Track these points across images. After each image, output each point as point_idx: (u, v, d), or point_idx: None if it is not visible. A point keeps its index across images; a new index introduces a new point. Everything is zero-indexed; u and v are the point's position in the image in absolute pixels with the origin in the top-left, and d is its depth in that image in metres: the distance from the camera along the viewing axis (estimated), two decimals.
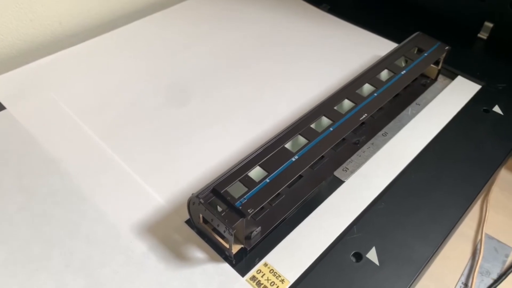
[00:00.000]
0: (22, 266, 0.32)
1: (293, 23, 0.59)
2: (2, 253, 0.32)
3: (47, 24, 0.54)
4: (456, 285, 0.40)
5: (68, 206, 0.35)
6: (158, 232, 0.34)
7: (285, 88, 0.48)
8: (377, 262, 0.32)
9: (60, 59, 0.50)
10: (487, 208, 0.46)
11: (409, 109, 0.46)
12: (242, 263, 0.32)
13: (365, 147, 0.41)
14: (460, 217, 0.36)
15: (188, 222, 0.34)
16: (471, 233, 0.44)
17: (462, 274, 0.40)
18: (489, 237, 0.43)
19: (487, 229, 0.44)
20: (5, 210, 0.35)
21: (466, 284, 0.40)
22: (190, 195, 0.32)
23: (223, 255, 0.32)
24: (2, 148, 0.40)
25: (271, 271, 0.31)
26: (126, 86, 0.47)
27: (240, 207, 0.30)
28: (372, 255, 0.33)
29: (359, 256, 0.33)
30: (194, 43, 0.54)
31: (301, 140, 0.36)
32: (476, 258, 0.41)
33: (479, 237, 0.43)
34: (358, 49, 0.54)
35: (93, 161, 0.39)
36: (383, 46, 0.54)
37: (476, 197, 0.38)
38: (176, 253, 0.32)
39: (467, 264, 0.41)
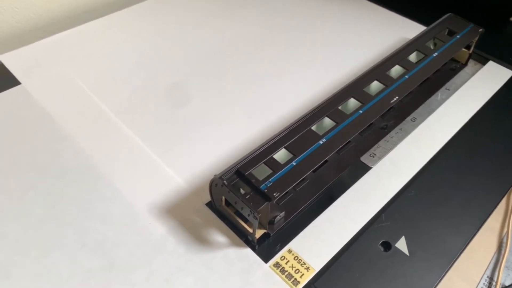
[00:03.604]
0: (36, 244, 0.31)
1: (318, 3, 0.56)
2: (15, 231, 0.31)
3: None
4: (481, 278, 0.38)
5: (83, 184, 0.34)
6: (178, 213, 0.33)
7: (310, 70, 0.46)
8: (406, 252, 0.31)
9: (76, 35, 0.49)
10: None
11: (439, 94, 0.44)
12: (265, 248, 0.31)
13: (393, 133, 0.39)
14: (494, 209, 0.35)
15: (208, 204, 0.33)
16: (497, 226, 0.42)
17: (487, 268, 0.39)
18: None
19: None
20: (18, 187, 0.34)
21: (491, 278, 0.38)
22: (213, 176, 0.31)
23: (245, 239, 0.31)
24: (16, 124, 0.39)
25: (296, 258, 0.30)
26: (142, 63, 0.46)
27: (266, 191, 0.29)
28: (401, 244, 0.31)
29: (387, 246, 0.31)
30: (213, 19, 0.52)
31: (328, 122, 0.35)
32: (502, 252, 0.39)
33: (505, 230, 0.41)
34: (384, 31, 0.52)
35: (109, 138, 0.38)
36: (410, 29, 0.51)
37: (511, 187, 0.36)
38: (196, 236, 0.31)
39: (492, 258, 0.39)
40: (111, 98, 0.41)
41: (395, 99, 0.36)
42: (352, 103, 0.37)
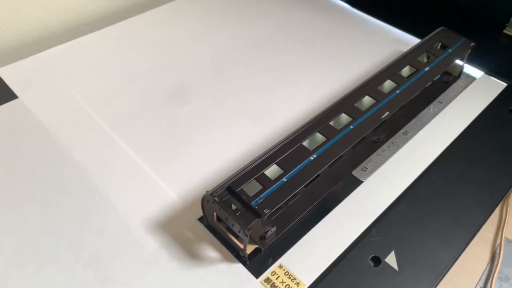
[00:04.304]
0: (32, 257, 0.31)
1: (311, 16, 0.57)
2: (12, 243, 0.32)
3: (61, 12, 0.53)
4: None
5: (79, 197, 0.35)
6: (171, 228, 0.33)
7: (302, 83, 0.47)
8: (396, 267, 0.31)
9: (73, 48, 0.49)
10: (507, 211, 0.44)
11: (431, 107, 0.44)
12: (256, 264, 0.31)
13: (385, 146, 0.40)
14: (485, 221, 0.35)
15: (201, 219, 0.34)
16: (490, 237, 0.42)
17: (480, 279, 0.39)
18: (509, 241, 0.42)
19: (507, 233, 0.42)
20: (16, 200, 0.34)
21: None
22: (205, 192, 0.31)
23: (237, 254, 0.31)
24: (14, 137, 0.39)
25: (286, 273, 0.30)
26: (138, 76, 0.46)
27: (256, 207, 0.29)
28: (391, 259, 0.32)
29: (377, 260, 0.32)
30: (209, 34, 0.53)
31: (320, 138, 0.35)
32: (495, 263, 0.40)
33: (498, 241, 0.42)
34: (378, 44, 0.52)
35: (104, 152, 0.38)
36: (404, 41, 0.52)
37: (502, 199, 0.37)
38: (188, 251, 0.32)
39: (485, 269, 0.40)
40: (107, 111, 0.42)
41: (386, 114, 0.37)
42: (343, 118, 0.37)
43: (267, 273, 0.30)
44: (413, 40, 0.52)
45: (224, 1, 0.59)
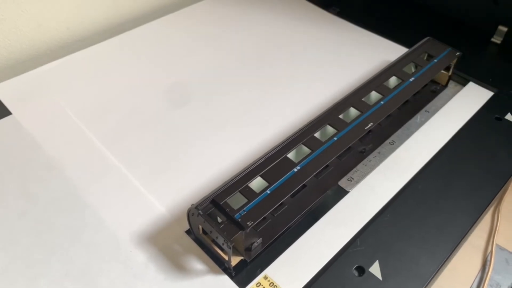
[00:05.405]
0: (23, 273, 0.32)
1: (301, 26, 0.58)
2: (3, 259, 0.32)
3: (55, 30, 0.54)
4: None
5: (70, 212, 0.35)
6: (158, 241, 0.34)
7: (291, 94, 0.47)
8: (380, 277, 0.32)
9: (67, 64, 0.50)
10: (499, 218, 0.44)
11: (418, 117, 0.45)
12: (242, 275, 0.32)
13: (371, 156, 0.40)
14: (469, 229, 0.35)
15: (188, 232, 0.34)
16: (481, 244, 0.43)
17: (471, 286, 0.39)
18: (500, 248, 0.42)
19: (498, 239, 0.42)
20: (7, 216, 0.35)
21: None
22: (190, 205, 0.32)
23: (223, 266, 0.32)
24: (7, 153, 0.40)
25: (271, 284, 0.31)
26: (131, 91, 0.47)
27: (240, 219, 0.30)
28: (375, 269, 0.32)
29: (361, 270, 0.32)
30: (199, 47, 0.54)
31: (304, 149, 0.36)
32: (486, 270, 0.40)
33: (489, 248, 0.42)
34: (367, 53, 0.53)
35: (95, 167, 0.39)
36: (393, 51, 0.53)
37: (486, 208, 0.37)
38: (175, 264, 0.32)
39: (476, 276, 0.40)
40: (98, 127, 0.43)
41: (369, 125, 0.37)
42: (329, 130, 0.38)
43: (251, 285, 0.31)
44: (402, 50, 0.52)
45: (215, 14, 0.60)
